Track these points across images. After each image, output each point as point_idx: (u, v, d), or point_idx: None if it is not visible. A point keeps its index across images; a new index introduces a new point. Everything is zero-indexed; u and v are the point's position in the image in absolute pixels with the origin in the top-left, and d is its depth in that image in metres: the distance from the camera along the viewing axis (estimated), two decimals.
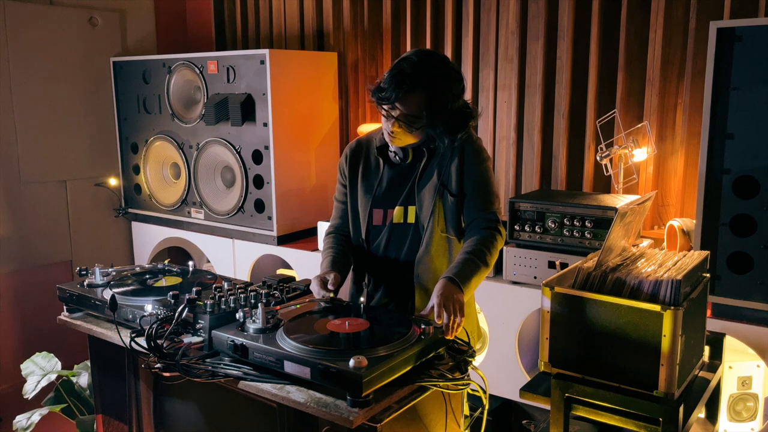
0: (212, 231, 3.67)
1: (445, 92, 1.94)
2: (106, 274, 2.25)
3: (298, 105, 3.44)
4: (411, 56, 1.96)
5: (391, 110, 1.96)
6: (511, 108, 3.23)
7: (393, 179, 2.12)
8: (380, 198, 2.13)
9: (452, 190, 2.05)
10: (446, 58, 2.03)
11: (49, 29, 3.69)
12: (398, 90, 1.91)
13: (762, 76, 2.12)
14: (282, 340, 1.67)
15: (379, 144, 2.13)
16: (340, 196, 2.24)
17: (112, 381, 2.22)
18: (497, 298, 2.77)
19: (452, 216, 2.07)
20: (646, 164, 2.91)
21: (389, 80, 1.93)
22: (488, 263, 1.97)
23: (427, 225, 2.05)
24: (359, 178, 2.16)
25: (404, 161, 2.11)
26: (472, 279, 1.91)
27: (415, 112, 1.93)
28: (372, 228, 2.14)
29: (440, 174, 2.05)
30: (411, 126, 1.96)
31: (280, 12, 3.99)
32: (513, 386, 2.47)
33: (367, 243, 2.15)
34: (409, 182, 2.09)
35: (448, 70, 1.97)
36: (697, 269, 1.79)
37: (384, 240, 2.13)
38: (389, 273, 2.13)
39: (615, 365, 1.65)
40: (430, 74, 1.93)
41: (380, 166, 2.13)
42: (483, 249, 1.97)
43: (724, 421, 2.33)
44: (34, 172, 3.71)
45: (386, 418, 1.54)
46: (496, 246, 2.02)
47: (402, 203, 2.10)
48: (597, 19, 2.95)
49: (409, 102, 1.92)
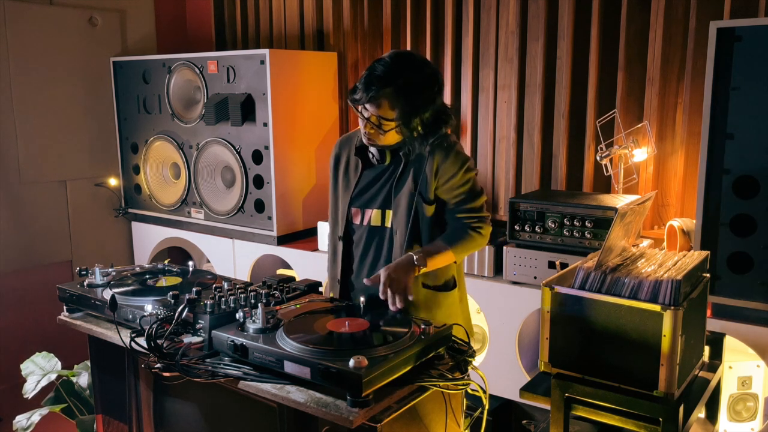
0: (212, 231, 3.67)
1: (417, 95, 1.94)
2: (106, 274, 2.25)
3: (298, 105, 3.44)
4: (385, 57, 1.97)
5: (363, 111, 1.98)
6: (511, 108, 3.23)
7: (370, 180, 2.13)
8: (356, 197, 2.15)
9: (426, 197, 2.05)
10: (424, 61, 2.03)
11: (49, 29, 3.69)
12: (367, 91, 1.93)
13: (762, 76, 2.12)
14: (282, 340, 1.67)
15: (359, 144, 2.15)
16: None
17: (112, 381, 2.22)
18: (497, 298, 2.77)
19: (427, 222, 2.07)
20: (646, 164, 2.91)
21: (362, 81, 1.96)
22: (456, 249, 2.03)
23: (402, 230, 2.06)
24: (341, 174, 2.20)
25: (381, 163, 2.12)
26: (436, 256, 1.99)
27: (385, 114, 1.95)
28: (353, 227, 2.17)
29: (416, 180, 2.05)
30: (381, 128, 1.97)
31: (280, 12, 3.99)
32: (513, 386, 2.47)
33: (347, 240, 2.18)
34: (387, 186, 2.10)
35: (423, 73, 1.97)
36: (697, 269, 1.79)
37: (363, 240, 2.15)
38: (370, 272, 2.13)
39: (615, 365, 1.65)
40: (402, 77, 1.93)
41: (358, 166, 2.15)
42: (455, 236, 2.04)
43: (724, 421, 2.33)
44: (34, 172, 3.70)
45: (386, 418, 1.54)
46: (471, 240, 2.06)
47: (380, 206, 2.11)
48: (597, 19, 2.95)
49: (379, 103, 1.94)
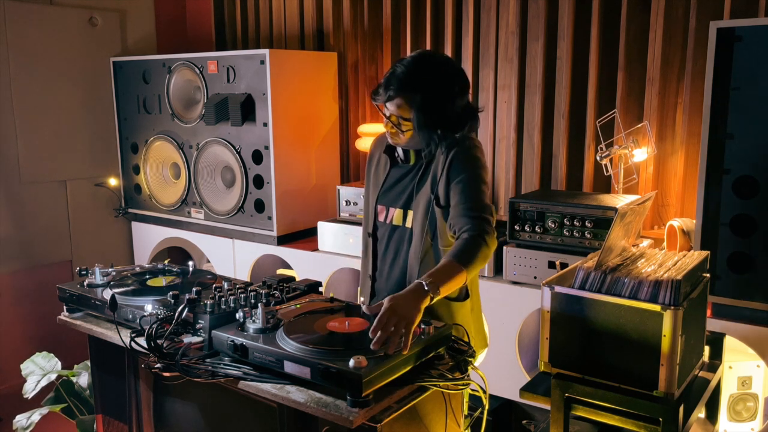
0: (212, 231, 3.67)
1: (437, 96, 1.95)
2: (106, 274, 2.25)
3: (298, 105, 3.44)
4: (407, 58, 1.99)
5: (384, 110, 2.02)
6: (511, 108, 3.23)
7: (396, 179, 2.15)
8: (383, 195, 2.17)
9: (440, 200, 2.02)
10: (447, 60, 2.04)
11: (49, 29, 3.69)
12: (387, 91, 1.96)
13: (762, 76, 2.11)
14: (282, 340, 1.67)
15: (389, 142, 2.17)
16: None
17: (112, 381, 2.22)
18: (497, 298, 2.77)
19: (440, 228, 2.04)
20: (646, 164, 2.91)
21: (383, 81, 1.99)
22: (469, 269, 1.83)
23: (418, 233, 2.06)
24: (372, 171, 2.24)
25: (405, 162, 2.14)
26: (448, 283, 1.78)
27: (404, 113, 1.97)
28: (378, 223, 2.20)
29: (432, 183, 2.04)
30: (400, 127, 2.00)
31: (280, 12, 3.99)
32: (513, 386, 2.46)
33: (374, 237, 2.20)
34: (410, 186, 2.11)
35: (445, 73, 1.98)
36: (697, 269, 1.79)
37: (386, 238, 2.17)
38: (390, 270, 2.15)
39: (615, 365, 1.65)
40: (422, 77, 1.94)
41: (387, 164, 2.18)
42: (468, 252, 1.85)
43: (724, 421, 2.33)
44: (34, 172, 3.70)
45: (386, 418, 1.54)
46: (481, 253, 1.87)
47: (402, 206, 2.12)
48: (597, 19, 2.95)
49: (399, 103, 1.96)
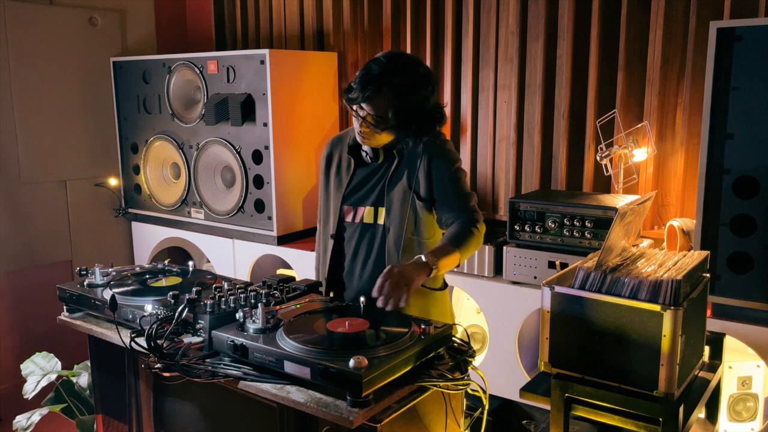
0: (212, 231, 3.67)
1: (412, 95, 1.97)
2: (106, 274, 2.25)
3: (298, 105, 3.44)
4: (380, 58, 1.99)
5: (358, 110, 2.01)
6: (511, 108, 3.23)
7: (363, 178, 2.16)
8: (349, 195, 2.17)
9: (421, 194, 2.08)
10: (417, 61, 2.05)
11: (49, 29, 3.69)
12: (364, 91, 1.95)
13: (762, 76, 2.11)
14: (282, 340, 1.67)
15: (352, 143, 2.17)
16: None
17: (112, 381, 2.22)
18: (497, 298, 2.77)
19: (422, 219, 2.10)
20: (646, 164, 2.91)
21: (357, 81, 1.98)
22: (462, 251, 2.02)
23: (397, 228, 2.08)
24: (332, 173, 2.22)
25: (375, 161, 2.14)
26: (445, 259, 1.97)
27: (381, 113, 1.97)
28: (345, 224, 2.19)
29: (409, 178, 2.08)
30: (377, 127, 2.00)
31: (280, 12, 3.99)
32: (513, 386, 2.47)
33: (339, 239, 2.20)
34: (380, 183, 2.13)
35: (418, 73, 1.99)
36: (697, 269, 1.79)
37: (355, 238, 2.17)
38: (362, 269, 2.15)
39: (615, 365, 1.65)
40: (397, 77, 1.96)
41: (350, 165, 2.17)
42: (460, 237, 2.03)
43: (724, 421, 2.33)
44: (34, 172, 3.70)
45: (386, 418, 1.54)
46: (474, 239, 2.06)
47: (373, 204, 2.13)
48: (597, 19, 2.95)
49: (375, 103, 1.96)
